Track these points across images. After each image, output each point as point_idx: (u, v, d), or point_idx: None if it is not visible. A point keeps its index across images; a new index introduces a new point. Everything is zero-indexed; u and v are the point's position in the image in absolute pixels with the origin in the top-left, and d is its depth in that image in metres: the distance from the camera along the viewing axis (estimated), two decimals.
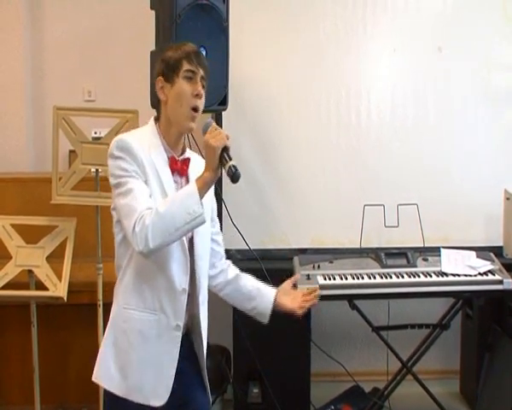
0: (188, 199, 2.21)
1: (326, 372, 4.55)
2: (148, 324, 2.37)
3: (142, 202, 2.24)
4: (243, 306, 2.68)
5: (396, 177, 4.29)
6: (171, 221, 2.19)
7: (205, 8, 3.41)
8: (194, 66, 2.36)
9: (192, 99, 2.35)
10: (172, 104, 2.37)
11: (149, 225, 2.18)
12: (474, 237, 4.29)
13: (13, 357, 4.04)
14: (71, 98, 4.45)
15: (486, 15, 4.28)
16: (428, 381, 4.14)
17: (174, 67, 2.36)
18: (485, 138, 4.33)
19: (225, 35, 3.52)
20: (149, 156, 2.33)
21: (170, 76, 2.37)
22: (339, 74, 4.30)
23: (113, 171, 2.33)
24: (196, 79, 2.37)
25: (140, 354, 2.38)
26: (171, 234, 2.21)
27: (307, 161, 4.31)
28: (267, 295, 2.64)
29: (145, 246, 2.20)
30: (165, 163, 2.38)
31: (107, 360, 2.44)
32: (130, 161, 2.30)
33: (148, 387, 2.37)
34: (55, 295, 3.56)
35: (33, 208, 3.91)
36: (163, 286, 2.36)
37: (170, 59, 2.38)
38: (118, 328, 2.43)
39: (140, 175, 2.30)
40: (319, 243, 4.29)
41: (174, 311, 2.37)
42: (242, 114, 4.21)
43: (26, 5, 4.59)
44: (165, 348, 2.38)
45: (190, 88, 2.35)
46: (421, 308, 4.50)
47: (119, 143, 2.33)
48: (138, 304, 2.38)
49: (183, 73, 2.35)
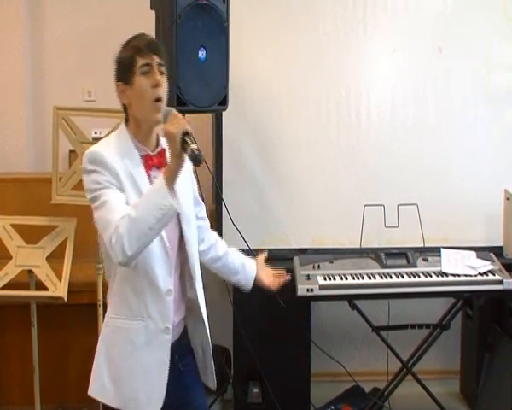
0: (156, 196, 2.18)
1: (326, 372, 4.55)
2: (137, 331, 2.35)
3: (116, 213, 2.21)
4: (228, 278, 2.82)
5: (396, 177, 4.29)
6: (144, 223, 2.16)
7: (205, 9, 3.41)
8: (147, 58, 2.32)
9: (152, 91, 2.31)
10: (136, 103, 2.34)
11: (124, 234, 2.15)
12: (474, 237, 4.28)
13: (13, 357, 4.05)
14: (71, 98, 4.45)
15: (486, 15, 4.28)
16: (428, 381, 4.14)
17: (128, 66, 2.33)
18: (485, 138, 4.33)
19: (225, 35, 3.52)
20: (122, 161, 2.31)
21: (127, 77, 2.34)
22: (339, 74, 4.30)
23: (87, 186, 2.31)
24: (153, 69, 2.32)
25: (131, 365, 2.37)
26: (146, 235, 2.18)
27: (307, 160, 4.31)
28: (250, 270, 2.78)
29: (124, 256, 2.17)
30: (139, 164, 2.35)
31: (100, 374, 2.43)
32: (102, 172, 2.27)
33: (142, 396, 2.36)
34: (55, 296, 3.56)
35: (33, 208, 3.91)
36: (148, 290, 2.34)
37: (123, 60, 2.36)
38: (108, 339, 2.43)
39: (114, 183, 2.28)
40: (319, 243, 4.29)
41: (161, 314, 2.36)
42: (242, 113, 4.21)
43: (26, 5, 4.59)
44: (155, 354, 2.36)
45: (149, 81, 2.31)
46: (421, 308, 4.50)
47: (90, 156, 2.31)
48: (125, 313, 2.37)
49: (138, 69, 2.31)
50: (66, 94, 4.58)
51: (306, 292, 3.70)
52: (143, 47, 2.33)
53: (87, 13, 4.61)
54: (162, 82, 2.33)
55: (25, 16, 4.59)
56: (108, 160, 2.28)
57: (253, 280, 2.78)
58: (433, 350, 4.16)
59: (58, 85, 4.65)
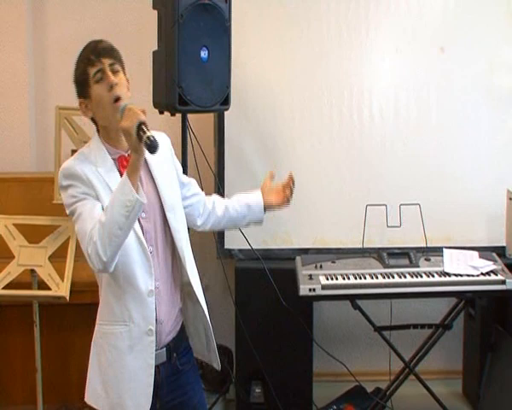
0: (120, 194, 2.19)
1: (328, 372, 4.55)
2: (120, 336, 2.36)
3: (90, 222, 2.23)
4: (238, 225, 2.86)
5: (398, 177, 4.29)
6: (114, 224, 2.17)
7: (207, 8, 3.41)
8: (97, 64, 2.33)
9: (109, 95, 2.31)
10: (98, 112, 2.37)
11: (97, 240, 2.18)
12: (476, 237, 4.29)
13: (15, 356, 4.04)
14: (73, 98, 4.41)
15: (490, 16, 4.28)
16: (431, 381, 4.14)
17: (82, 80, 2.35)
18: (487, 138, 4.33)
19: (228, 35, 3.52)
20: (96, 170, 2.33)
21: (84, 91, 2.36)
22: (341, 74, 4.30)
23: (65, 202, 2.35)
24: (105, 73, 2.33)
25: (116, 370, 2.37)
26: (117, 236, 2.18)
27: (309, 160, 4.31)
28: (256, 206, 2.76)
29: (100, 262, 2.20)
30: (113, 168, 2.36)
31: (92, 379, 2.44)
32: (77, 185, 2.30)
33: (128, 401, 2.37)
34: (58, 295, 3.56)
35: (36, 208, 3.91)
36: (128, 294, 2.34)
37: (77, 77, 2.39)
38: (97, 345, 2.44)
39: (89, 194, 2.30)
40: (321, 243, 4.29)
41: (143, 316, 2.35)
42: (245, 113, 4.21)
43: (28, 5, 4.59)
44: (139, 358, 2.36)
45: (103, 86, 2.32)
46: (423, 308, 4.50)
47: (63, 172, 2.34)
48: (109, 318, 2.39)
49: (91, 79, 2.33)
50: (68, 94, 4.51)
51: (309, 292, 3.69)
52: (91, 55, 2.35)
53: (89, 13, 4.61)
54: (117, 81, 2.34)
55: (27, 16, 4.59)
56: (81, 171, 2.31)
57: (262, 213, 2.78)
58: (436, 350, 4.15)
59: (61, 85, 4.64)
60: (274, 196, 2.80)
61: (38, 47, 4.65)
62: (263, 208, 2.76)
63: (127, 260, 2.31)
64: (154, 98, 3.55)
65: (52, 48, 4.66)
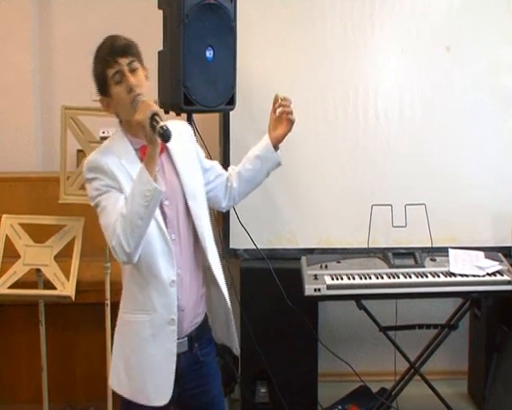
0: (139, 185, 2.23)
1: (333, 372, 4.54)
2: (143, 324, 2.40)
3: (113, 216, 2.28)
4: (259, 181, 2.76)
5: (404, 177, 4.29)
6: (135, 215, 2.22)
7: (212, 8, 3.41)
8: (115, 66, 2.35)
9: (129, 96, 2.34)
10: (119, 111, 2.42)
11: (120, 233, 2.23)
12: (482, 237, 4.28)
13: (21, 356, 4.05)
14: (79, 98, 4.44)
15: (495, 16, 4.27)
16: (436, 381, 4.13)
17: (102, 80, 2.38)
18: (493, 138, 4.32)
19: (233, 35, 3.52)
20: (119, 162, 2.37)
21: (104, 90, 2.40)
22: (347, 74, 4.30)
23: (90, 194, 2.40)
24: (124, 75, 2.35)
25: (139, 357, 2.42)
26: (138, 226, 2.23)
27: (315, 160, 4.31)
28: (266, 151, 2.70)
29: (124, 253, 2.25)
30: (136, 160, 2.39)
31: (116, 365, 2.49)
32: (101, 178, 2.35)
33: (150, 388, 2.41)
34: (63, 294, 3.57)
35: (41, 208, 3.92)
36: (151, 284, 2.38)
37: (96, 76, 2.41)
38: (120, 333, 2.49)
39: (113, 186, 2.34)
40: (327, 243, 4.29)
41: (165, 306, 2.39)
42: (250, 113, 4.21)
43: (34, 5, 4.60)
44: (161, 346, 2.40)
45: (124, 88, 2.35)
46: (428, 309, 4.49)
47: (88, 166, 2.39)
48: (131, 306, 2.44)
49: (110, 80, 2.36)
50: (74, 94, 4.58)
51: (314, 292, 3.69)
52: (108, 56, 2.36)
53: (95, 13, 4.62)
54: (136, 82, 2.36)
55: (33, 16, 4.60)
56: (105, 164, 2.35)
57: (274, 153, 2.70)
58: (441, 350, 4.15)
59: (66, 85, 4.66)
60: (278, 127, 2.74)
61: (44, 46, 4.66)
62: (273, 149, 2.70)
63: (149, 251, 2.34)
64: (159, 98, 3.55)
65: (57, 47, 4.67)
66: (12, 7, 4.53)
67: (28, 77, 4.61)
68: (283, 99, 2.73)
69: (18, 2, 4.55)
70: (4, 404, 4.06)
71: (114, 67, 2.35)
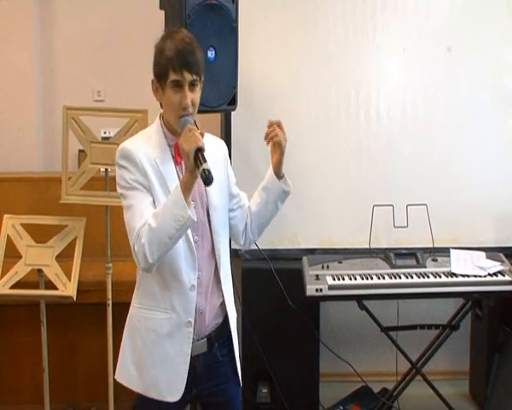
0: (174, 207, 2.25)
1: (335, 373, 4.54)
2: (160, 322, 2.42)
3: (139, 220, 2.30)
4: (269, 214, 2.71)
5: (405, 177, 4.28)
6: (164, 232, 2.25)
7: (214, 9, 3.41)
8: (179, 74, 2.32)
9: (180, 110, 2.35)
10: (166, 110, 2.42)
11: (145, 243, 2.25)
12: (483, 237, 4.28)
13: (22, 356, 4.05)
14: (80, 98, 4.46)
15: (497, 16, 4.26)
16: (438, 382, 4.13)
17: (162, 74, 2.36)
18: (495, 138, 4.32)
19: (235, 35, 3.52)
20: (153, 158, 2.37)
21: (160, 82, 2.38)
22: (349, 74, 4.30)
23: (118, 180, 2.41)
24: (183, 87, 2.34)
25: (153, 353, 2.43)
26: (166, 244, 2.27)
27: (316, 161, 4.31)
28: (269, 180, 2.66)
29: (146, 263, 2.28)
30: (170, 160, 2.41)
31: (125, 359, 2.51)
32: (132, 171, 2.35)
33: (162, 384, 2.43)
34: (65, 295, 3.57)
35: (43, 208, 3.92)
36: (172, 285, 2.40)
37: (158, 63, 2.37)
38: (133, 327, 2.49)
39: (142, 183, 2.35)
40: (328, 244, 4.29)
41: (184, 308, 2.41)
42: (252, 113, 4.21)
43: (36, 5, 4.61)
44: (177, 345, 2.42)
45: (177, 99, 2.34)
46: (430, 309, 4.49)
47: (122, 153, 2.39)
48: (150, 303, 2.44)
49: (169, 83, 2.34)
50: (75, 94, 4.59)
51: (315, 292, 3.69)
52: (176, 61, 2.32)
53: (96, 13, 4.63)
54: (189, 104, 2.35)
55: (35, 16, 4.60)
56: (138, 159, 2.36)
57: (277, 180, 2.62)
58: (443, 351, 4.15)
59: (68, 85, 4.66)
60: (273, 154, 2.63)
61: (45, 47, 4.66)
62: (275, 177, 2.63)
63: (173, 253, 2.36)
64: None
65: (59, 47, 4.67)
66: (13, 7, 4.54)
67: (30, 77, 4.61)
68: (268, 124, 2.60)
69: (19, 3, 4.55)
70: (6, 404, 4.06)
71: (178, 75, 2.32)
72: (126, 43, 4.62)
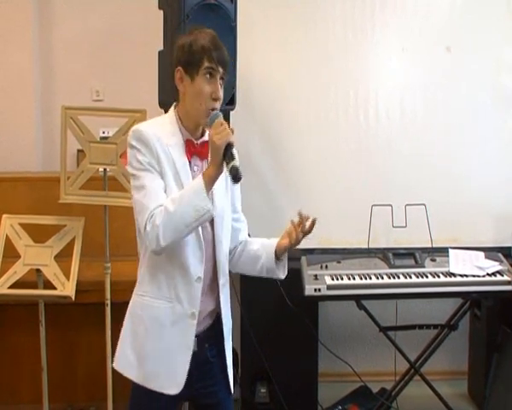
0: (195, 197, 2.24)
1: (333, 373, 4.55)
2: (164, 311, 2.40)
3: (154, 200, 2.27)
4: (255, 269, 2.62)
5: (404, 177, 4.29)
6: (181, 219, 2.23)
7: (213, 8, 3.40)
8: (214, 64, 2.33)
9: (211, 101, 2.34)
10: (191, 101, 2.37)
11: (160, 225, 2.23)
12: (482, 237, 4.28)
13: (21, 356, 4.05)
14: (79, 98, 4.46)
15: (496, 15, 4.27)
16: (436, 382, 4.14)
17: (194, 62, 2.33)
18: (494, 138, 4.32)
19: (233, 35, 3.51)
20: (166, 145, 2.35)
21: (190, 70, 2.34)
22: (348, 74, 4.30)
23: (129, 160, 2.37)
24: (216, 78, 2.34)
25: (155, 342, 2.40)
26: (181, 231, 2.25)
27: (315, 161, 4.31)
28: (270, 246, 2.56)
29: (157, 245, 2.25)
30: (182, 150, 2.39)
31: (125, 347, 2.47)
32: (145, 153, 2.32)
33: (163, 375, 2.41)
34: (63, 295, 3.57)
35: (42, 208, 3.92)
36: (178, 275, 2.38)
37: (190, 51, 2.34)
38: (135, 315, 2.46)
39: (155, 167, 2.32)
40: (327, 243, 4.28)
41: (189, 299, 2.39)
42: (250, 113, 4.21)
43: (34, 5, 4.60)
44: (179, 336, 2.40)
45: (210, 89, 2.33)
46: (429, 309, 4.50)
47: (136, 134, 2.35)
48: (154, 292, 2.41)
49: (203, 70, 2.32)
50: (74, 93, 4.59)
51: (314, 292, 3.70)
52: (213, 52, 2.33)
53: (95, 13, 4.63)
54: (221, 97, 2.36)
55: (33, 17, 4.60)
56: (152, 143, 2.33)
57: (273, 256, 2.53)
58: (441, 351, 4.15)
59: (66, 85, 4.66)
60: (287, 238, 2.51)
61: (44, 47, 4.66)
62: (274, 250, 2.54)
63: (183, 245, 2.35)
64: (159, 97, 3.55)
65: (58, 48, 4.67)
66: (12, 7, 4.53)
67: (28, 77, 4.61)
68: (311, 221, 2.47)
69: (18, 2, 4.55)
70: (4, 404, 4.05)
71: (213, 64, 2.32)
72: (125, 43, 4.62)
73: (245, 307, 4.05)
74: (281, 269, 2.59)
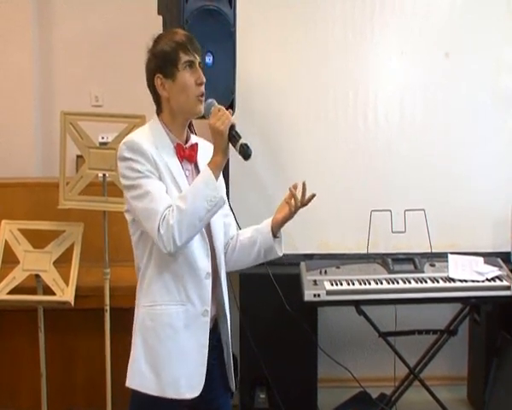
0: (206, 188, 2.26)
1: (333, 378, 4.53)
2: (176, 316, 2.38)
3: (162, 203, 2.28)
4: (251, 257, 2.59)
5: (403, 182, 4.29)
6: (195, 214, 2.24)
7: (212, 14, 3.42)
8: (190, 55, 2.37)
9: (197, 88, 2.38)
10: (178, 97, 2.39)
11: (174, 224, 2.23)
12: (481, 242, 4.28)
13: (20, 361, 4.04)
14: (78, 103, 4.46)
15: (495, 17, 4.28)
16: (436, 387, 4.13)
17: (171, 60, 2.37)
18: (493, 143, 4.33)
19: (233, 40, 3.53)
20: (157, 151, 2.35)
21: (169, 71, 2.37)
22: (347, 77, 4.31)
23: (124, 172, 2.35)
24: (196, 66, 2.38)
25: (170, 348, 2.38)
26: (195, 226, 2.26)
27: (315, 165, 4.31)
28: (264, 226, 2.56)
29: (174, 246, 2.25)
30: (173, 154, 2.40)
31: (138, 363, 2.42)
32: (142, 162, 2.32)
33: (182, 380, 2.38)
34: (63, 300, 3.57)
35: (41, 213, 3.92)
36: (187, 273, 2.37)
37: (164, 53, 2.38)
38: (145, 329, 2.42)
39: (154, 173, 2.33)
40: (326, 249, 4.28)
41: (200, 297, 2.39)
42: (250, 118, 4.21)
43: (34, 10, 4.61)
44: (193, 337, 2.39)
45: (193, 77, 2.37)
46: (428, 314, 4.48)
47: (129, 145, 2.34)
48: (164, 298, 2.39)
49: (182, 64, 2.36)
50: (73, 99, 4.59)
51: (313, 297, 3.70)
52: (187, 44, 2.38)
53: (95, 19, 4.63)
54: (204, 81, 2.40)
55: (33, 21, 4.61)
56: (147, 150, 2.33)
57: (270, 234, 2.52)
58: (441, 356, 4.14)
59: (65, 90, 4.66)
60: (283, 210, 2.55)
61: (44, 50, 4.67)
62: (270, 230, 2.53)
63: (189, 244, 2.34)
64: None
65: (57, 53, 4.68)
66: (12, 9, 4.54)
67: (28, 81, 4.61)
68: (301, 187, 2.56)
69: (18, 5, 4.55)
70: (4, 409, 4.05)
71: (190, 55, 2.37)
72: (124, 48, 4.62)
73: (244, 313, 4.04)
74: (278, 246, 2.56)
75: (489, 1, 4.28)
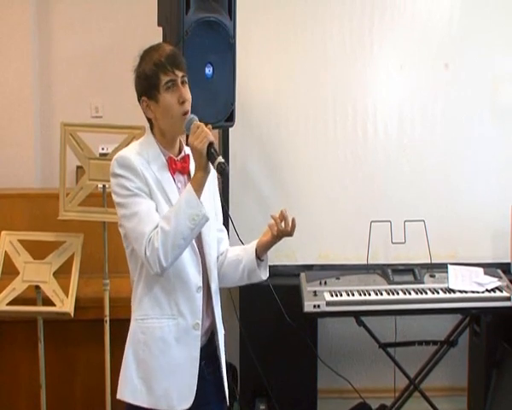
0: (188, 207, 2.25)
1: (333, 389, 4.52)
2: (167, 329, 2.38)
3: (148, 225, 2.28)
4: (236, 275, 2.57)
5: (403, 193, 4.29)
6: (178, 234, 2.24)
7: (212, 25, 3.42)
8: (171, 74, 2.35)
9: (180, 107, 2.36)
10: (163, 119, 2.39)
11: (159, 247, 2.24)
12: (481, 253, 4.28)
13: (20, 372, 4.03)
14: (78, 114, 4.46)
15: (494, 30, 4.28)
16: (436, 398, 4.12)
17: (152, 83, 2.36)
18: (492, 154, 4.33)
19: (232, 52, 3.53)
20: (149, 167, 2.36)
21: (151, 94, 2.38)
22: (346, 90, 4.32)
23: (115, 189, 2.37)
24: (177, 85, 2.36)
25: (161, 362, 2.39)
26: (180, 245, 2.26)
27: (314, 176, 4.32)
28: (250, 247, 2.54)
29: (160, 267, 2.26)
30: (165, 168, 2.40)
31: (129, 375, 2.43)
32: (131, 179, 2.33)
33: (173, 393, 2.39)
34: (62, 311, 3.56)
35: (41, 224, 3.91)
36: (178, 287, 2.38)
37: (145, 76, 2.39)
38: (136, 341, 2.43)
39: (143, 189, 2.33)
40: (326, 260, 4.29)
41: (191, 310, 2.39)
42: (249, 130, 4.22)
43: (34, 22, 4.62)
44: (185, 350, 2.39)
45: (175, 97, 2.35)
46: (428, 325, 4.48)
47: (120, 161, 2.36)
48: (155, 313, 2.40)
49: (163, 87, 2.35)
50: (73, 110, 4.59)
51: (313, 308, 3.69)
52: (165, 62, 2.36)
53: (94, 30, 4.64)
54: (188, 97, 2.38)
55: (33, 33, 4.61)
56: (138, 166, 2.34)
57: (254, 256, 2.50)
58: (441, 367, 4.14)
59: (66, 101, 4.67)
60: (265, 235, 2.52)
61: (43, 63, 4.67)
62: (254, 251, 2.51)
63: (180, 257, 2.33)
64: None
65: (57, 64, 4.68)
66: (11, 22, 4.54)
67: (28, 92, 4.61)
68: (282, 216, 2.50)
69: (18, 18, 4.56)
70: None
71: (169, 75, 2.35)
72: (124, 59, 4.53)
73: (244, 324, 4.04)
74: (262, 269, 2.55)
75: (487, 15, 4.29)
